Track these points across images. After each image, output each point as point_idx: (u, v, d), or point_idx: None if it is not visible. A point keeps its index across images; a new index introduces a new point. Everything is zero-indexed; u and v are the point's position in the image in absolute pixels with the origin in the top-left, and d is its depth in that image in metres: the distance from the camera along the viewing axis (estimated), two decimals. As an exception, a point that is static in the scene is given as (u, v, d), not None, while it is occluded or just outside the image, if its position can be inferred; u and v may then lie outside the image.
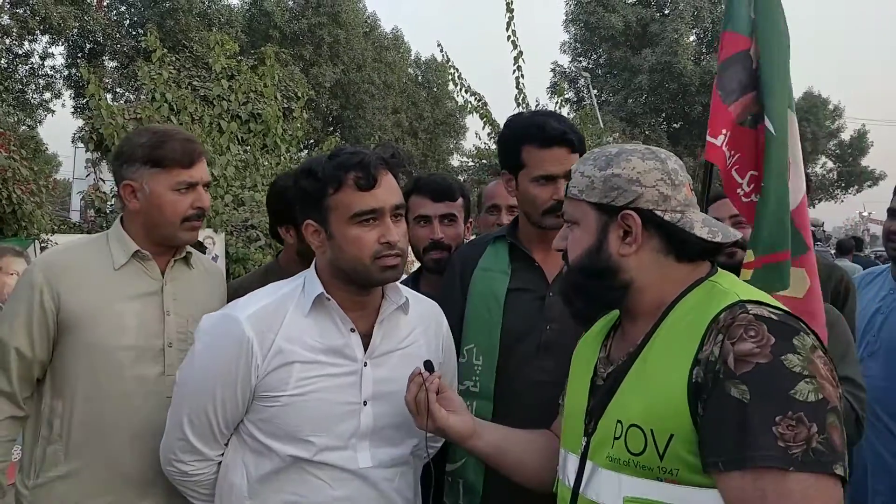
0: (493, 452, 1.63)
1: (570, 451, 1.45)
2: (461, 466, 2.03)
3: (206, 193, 2.08)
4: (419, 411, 1.59)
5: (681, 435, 1.19)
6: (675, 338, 1.29)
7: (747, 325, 1.19)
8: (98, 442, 1.93)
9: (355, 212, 1.60)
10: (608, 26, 27.86)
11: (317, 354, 1.65)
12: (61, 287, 1.93)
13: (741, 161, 2.22)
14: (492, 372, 2.01)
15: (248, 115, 8.92)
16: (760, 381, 1.14)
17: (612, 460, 1.29)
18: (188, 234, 2.04)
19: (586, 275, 1.40)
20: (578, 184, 1.42)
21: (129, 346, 1.95)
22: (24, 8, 20.82)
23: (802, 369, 1.14)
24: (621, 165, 1.38)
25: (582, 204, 1.41)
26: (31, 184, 7.36)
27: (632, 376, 1.34)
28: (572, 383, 1.56)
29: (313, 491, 1.64)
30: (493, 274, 2.08)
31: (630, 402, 1.30)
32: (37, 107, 23.66)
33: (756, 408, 1.12)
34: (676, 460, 1.20)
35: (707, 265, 1.42)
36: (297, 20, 25.80)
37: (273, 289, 1.74)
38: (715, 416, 1.16)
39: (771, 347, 1.15)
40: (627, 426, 1.27)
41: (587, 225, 1.40)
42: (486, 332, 2.03)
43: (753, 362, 1.15)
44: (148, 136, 2.02)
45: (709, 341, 1.21)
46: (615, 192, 1.37)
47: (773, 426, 1.11)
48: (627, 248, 1.37)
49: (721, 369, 1.17)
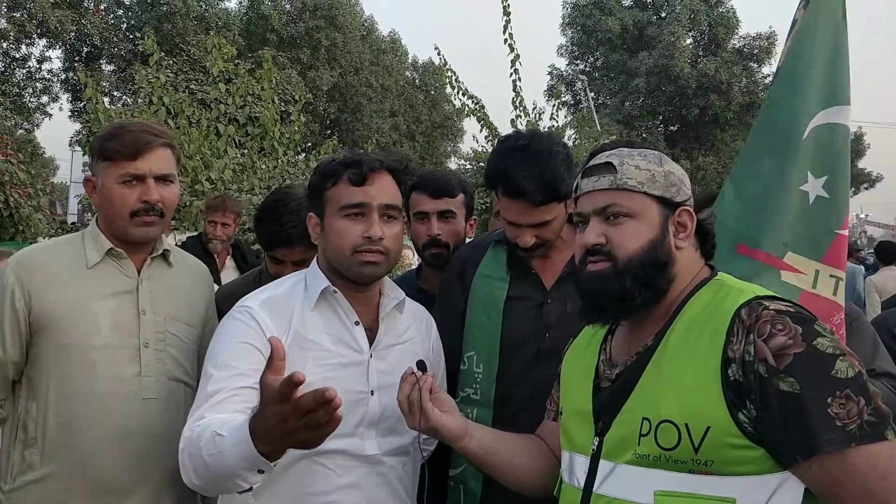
0: (483, 454, 1.64)
1: (576, 453, 1.46)
2: (462, 472, 2.03)
3: (166, 187, 1.96)
4: (412, 411, 1.60)
5: (718, 427, 1.24)
6: (694, 335, 1.33)
7: (772, 319, 1.24)
8: (73, 445, 1.87)
9: (343, 204, 1.70)
10: (605, 29, 27.88)
11: (327, 343, 1.71)
12: (32, 286, 1.89)
13: None
14: (492, 379, 2.01)
15: (245, 118, 8.92)
16: (804, 370, 1.20)
17: (641, 457, 1.31)
18: (139, 229, 1.94)
19: (652, 266, 1.39)
20: (636, 176, 1.41)
21: (102, 345, 1.90)
22: (21, 12, 20.80)
23: (834, 349, 1.22)
24: (670, 164, 1.45)
25: (641, 196, 1.40)
26: (28, 187, 7.35)
27: (650, 374, 1.36)
28: (569, 388, 1.57)
29: (319, 479, 1.66)
30: (492, 281, 2.09)
31: (656, 398, 1.32)
32: (34, 110, 23.61)
33: (809, 396, 1.18)
34: (713, 452, 1.24)
35: (707, 267, 1.49)
36: (294, 24, 25.80)
37: (275, 285, 1.80)
38: (775, 414, 1.20)
39: (801, 336, 1.22)
40: (657, 422, 1.29)
41: (648, 217, 1.40)
42: (487, 340, 2.04)
43: (791, 353, 1.21)
44: (108, 128, 1.99)
45: (737, 339, 1.26)
46: (674, 188, 1.42)
47: (827, 408, 1.17)
48: (682, 243, 1.43)
49: (763, 368, 1.22)
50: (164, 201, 1.96)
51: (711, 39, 28.22)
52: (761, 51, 27.88)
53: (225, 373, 1.60)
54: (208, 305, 2.17)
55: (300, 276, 1.80)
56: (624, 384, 1.40)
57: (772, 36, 28.01)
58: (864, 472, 1.16)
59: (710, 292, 1.39)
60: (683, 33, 27.09)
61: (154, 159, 1.93)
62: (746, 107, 27.07)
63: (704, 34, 28.47)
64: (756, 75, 27.87)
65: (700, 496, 1.25)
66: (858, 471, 1.16)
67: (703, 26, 28.03)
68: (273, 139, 8.64)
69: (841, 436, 1.16)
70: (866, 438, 1.16)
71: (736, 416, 1.23)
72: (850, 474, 1.17)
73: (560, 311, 2.00)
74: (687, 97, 27.17)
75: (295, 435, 1.26)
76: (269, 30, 25.17)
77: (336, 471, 1.67)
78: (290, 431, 1.25)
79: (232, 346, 1.64)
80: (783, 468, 1.22)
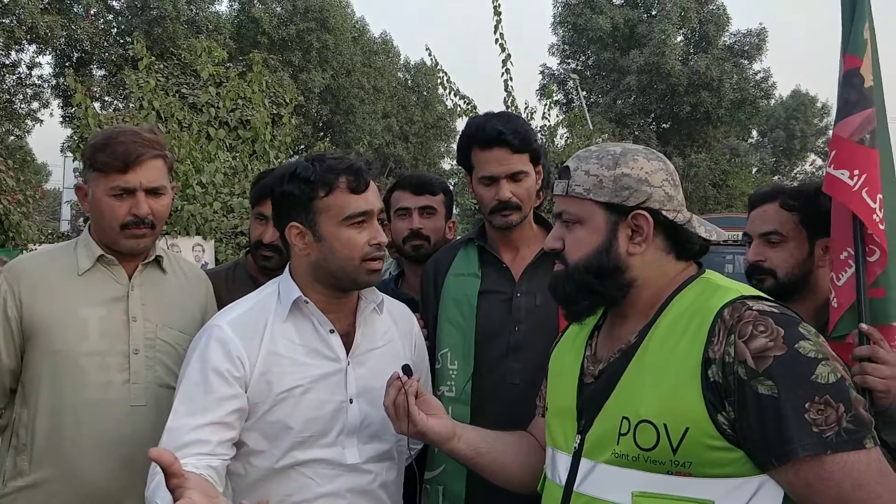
0: (472, 454, 1.63)
1: (559, 450, 1.46)
2: (440, 473, 2.02)
3: (157, 199, 1.96)
4: (399, 415, 1.59)
5: (697, 428, 1.22)
6: (676, 333, 1.31)
7: (755, 321, 1.22)
8: (61, 452, 1.88)
9: (349, 213, 1.65)
10: (596, 28, 27.91)
11: (301, 356, 1.69)
12: (24, 293, 1.90)
13: (869, 182, 1.94)
14: (467, 376, 2.02)
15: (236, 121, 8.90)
16: (783, 373, 1.18)
17: (619, 457, 1.30)
18: (129, 241, 1.95)
19: (594, 274, 1.38)
20: (583, 182, 1.39)
21: (91, 352, 1.90)
22: (10, 18, 20.70)
23: (816, 353, 1.19)
24: (629, 165, 1.38)
25: (587, 203, 1.39)
26: (17, 194, 7.31)
27: (631, 373, 1.34)
28: (555, 383, 1.57)
29: (300, 489, 1.66)
30: (464, 278, 2.11)
31: (636, 398, 1.30)
32: (25, 116, 23.52)
33: (786, 399, 1.16)
34: (691, 453, 1.23)
35: (695, 264, 1.46)
36: (285, 26, 25.74)
37: (247, 298, 1.78)
38: (752, 417, 1.19)
39: (783, 338, 1.19)
40: (636, 422, 1.28)
41: (595, 224, 1.39)
42: (461, 336, 2.05)
43: (771, 356, 1.19)
44: (100, 137, 1.97)
45: (717, 339, 1.24)
46: (626, 192, 1.37)
47: (804, 413, 1.16)
48: (637, 248, 1.38)
49: (742, 370, 1.20)
50: (155, 214, 1.96)
51: (702, 36, 28.29)
52: (752, 47, 27.96)
53: (185, 407, 1.58)
54: (205, 311, 2.14)
55: (274, 287, 1.77)
56: (606, 381, 1.39)
57: (762, 32, 28.10)
58: (839, 480, 1.14)
59: (697, 290, 1.37)
60: (674, 31, 27.14)
61: (145, 172, 1.92)
62: (738, 103, 27.15)
63: (695, 31, 28.53)
64: (747, 72, 27.95)
65: (678, 497, 1.23)
66: (833, 478, 1.15)
67: (694, 23, 28.10)
68: (264, 142, 8.61)
69: (816, 441, 1.15)
70: (843, 446, 1.14)
71: (715, 417, 1.22)
72: (825, 481, 1.15)
73: (529, 304, 2.03)
74: (678, 94, 27.23)
75: None
76: (259, 33, 25.11)
77: (317, 480, 1.66)
78: None
79: (196, 375, 1.61)
80: (761, 471, 1.21)
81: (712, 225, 1.45)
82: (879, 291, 1.91)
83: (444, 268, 2.17)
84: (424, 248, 2.43)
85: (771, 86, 29.15)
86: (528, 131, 2.04)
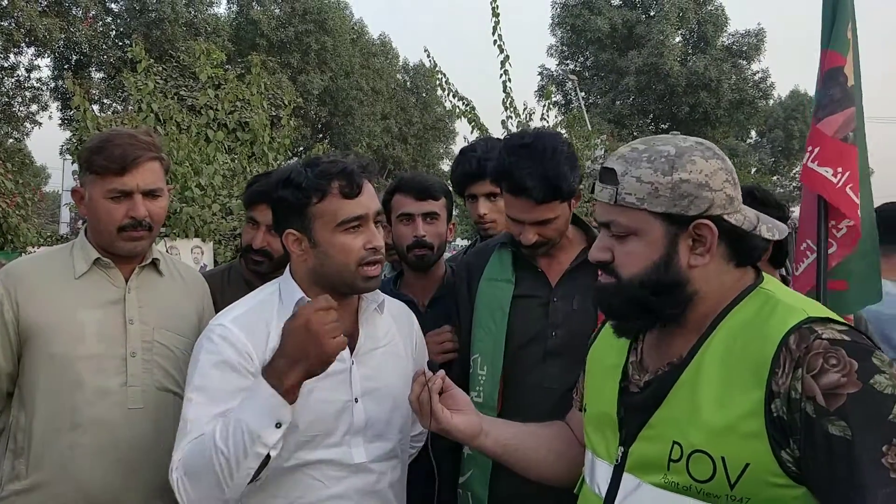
0: (501, 451, 1.59)
1: (599, 457, 1.39)
2: (468, 479, 2.03)
3: (153, 201, 1.96)
4: (423, 411, 1.58)
5: (759, 464, 1.13)
6: (734, 357, 1.20)
7: (825, 352, 1.11)
8: (59, 455, 1.87)
9: (342, 219, 1.64)
10: (594, 29, 27.96)
11: None
12: (20, 296, 1.90)
13: (853, 179, 1.99)
14: (495, 382, 2.01)
15: (235, 123, 8.87)
16: (857, 413, 1.07)
17: (671, 483, 1.21)
18: (126, 244, 1.94)
19: (652, 291, 1.25)
20: (635, 191, 1.24)
21: (88, 355, 1.89)
22: (8, 20, 20.70)
23: (893, 388, 1.09)
24: (687, 168, 1.23)
25: (641, 213, 1.24)
26: (16, 196, 7.31)
27: (681, 393, 1.24)
28: (594, 384, 1.49)
29: (307, 491, 1.65)
30: (498, 283, 2.09)
31: (688, 423, 1.21)
32: (23, 119, 23.51)
33: (861, 443, 1.06)
34: (751, 489, 1.14)
35: (752, 270, 1.33)
36: (283, 28, 25.76)
37: (247, 299, 1.77)
38: (821, 458, 1.09)
39: (857, 374, 1.09)
40: (690, 451, 1.19)
41: (651, 237, 1.25)
42: (491, 343, 2.04)
43: (844, 394, 1.08)
44: (96, 139, 1.96)
45: (783, 372, 1.13)
46: (686, 200, 1.22)
47: (881, 458, 1.06)
48: (699, 259, 1.25)
49: (811, 408, 1.10)
50: (152, 216, 1.95)
51: (700, 37, 28.34)
52: (750, 48, 28.01)
53: (204, 396, 1.59)
54: (201, 314, 2.13)
55: (274, 287, 1.77)
56: (653, 395, 1.29)
57: (760, 33, 28.15)
58: None
59: (754, 306, 1.24)
60: (672, 31, 27.18)
61: (141, 174, 1.92)
62: (736, 104, 27.18)
63: (693, 32, 28.58)
64: (745, 72, 27.98)
65: None
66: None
67: (692, 24, 28.15)
68: (263, 144, 8.60)
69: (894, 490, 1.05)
70: None
71: (779, 454, 1.12)
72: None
73: (566, 309, 2.00)
74: (677, 95, 27.26)
75: (308, 358, 1.48)
76: (258, 35, 25.12)
77: (324, 482, 1.66)
78: (305, 355, 1.47)
79: (209, 367, 1.62)
80: None
81: (773, 220, 1.32)
82: (840, 284, 1.94)
83: (477, 272, 2.15)
84: (430, 257, 2.40)
85: (769, 86, 29.22)
86: (558, 177, 1.90)
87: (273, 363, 1.51)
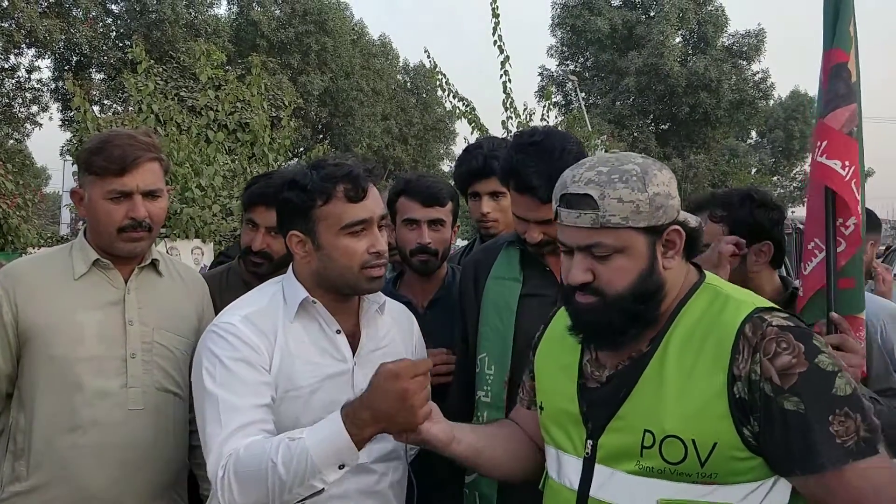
0: (473, 455, 1.62)
1: (565, 452, 1.46)
2: (475, 479, 2.01)
3: (153, 202, 1.95)
4: None
5: (725, 442, 1.27)
6: (694, 347, 1.33)
7: (777, 337, 1.26)
8: (58, 457, 1.87)
9: (347, 222, 1.65)
10: (594, 29, 27.97)
11: (313, 355, 1.69)
12: (19, 298, 1.89)
13: (856, 174, 1.98)
14: (502, 381, 2.00)
15: (235, 124, 8.88)
16: (807, 389, 1.23)
17: (645, 468, 1.32)
18: (126, 245, 1.94)
19: (641, 300, 1.35)
20: (618, 211, 1.31)
21: (88, 357, 1.89)
22: (9, 21, 20.71)
23: (833, 366, 1.26)
24: (655, 182, 1.34)
25: (625, 231, 1.32)
26: (16, 197, 7.31)
27: (648, 384, 1.35)
28: (550, 383, 1.56)
29: None
30: (505, 282, 2.08)
31: (658, 411, 1.32)
32: (24, 120, 23.52)
33: (813, 414, 1.22)
34: (718, 465, 1.27)
35: (693, 266, 1.46)
36: (284, 29, 25.78)
37: (252, 299, 1.76)
38: (778, 430, 1.24)
39: (804, 355, 1.25)
40: (662, 437, 1.30)
41: (636, 251, 1.34)
42: (498, 342, 2.03)
43: (795, 373, 1.24)
44: (95, 140, 1.96)
45: (742, 357, 1.27)
46: (661, 212, 1.34)
47: (829, 426, 1.22)
48: (670, 262, 1.38)
49: (768, 387, 1.25)
50: (152, 216, 1.95)
51: (700, 37, 28.35)
52: (750, 48, 28.03)
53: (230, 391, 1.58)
54: (201, 314, 2.13)
55: (276, 288, 1.76)
56: (617, 388, 1.38)
57: (760, 33, 28.17)
58: (859, 485, 1.21)
59: (705, 300, 1.38)
60: (672, 32, 27.20)
61: (141, 175, 1.92)
62: (736, 104, 27.20)
63: (693, 32, 28.60)
64: (746, 73, 28.00)
65: (703, 503, 1.29)
66: (853, 484, 1.22)
67: (692, 24, 28.17)
68: (263, 145, 8.60)
69: (841, 453, 1.21)
70: (862, 454, 1.21)
71: (741, 431, 1.26)
72: (845, 486, 1.22)
73: None
74: (677, 96, 27.28)
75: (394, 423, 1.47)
76: (258, 35, 25.14)
77: None
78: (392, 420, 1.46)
79: (230, 362, 1.61)
80: (778, 475, 1.29)
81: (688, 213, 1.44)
82: (849, 282, 1.94)
83: (484, 270, 2.14)
84: (433, 263, 2.39)
85: (770, 86, 29.24)
86: None
87: (357, 412, 1.47)
